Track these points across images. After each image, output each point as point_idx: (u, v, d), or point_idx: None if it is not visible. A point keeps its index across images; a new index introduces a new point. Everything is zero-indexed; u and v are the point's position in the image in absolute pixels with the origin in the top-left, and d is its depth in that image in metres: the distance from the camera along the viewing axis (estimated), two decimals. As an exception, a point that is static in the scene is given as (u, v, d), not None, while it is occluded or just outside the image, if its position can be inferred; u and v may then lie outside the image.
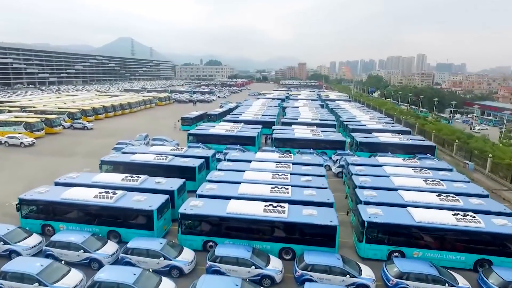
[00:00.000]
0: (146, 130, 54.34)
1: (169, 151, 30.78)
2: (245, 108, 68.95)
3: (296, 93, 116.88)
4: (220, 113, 62.52)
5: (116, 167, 28.32)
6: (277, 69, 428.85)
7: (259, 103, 79.81)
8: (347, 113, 63.99)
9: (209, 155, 30.20)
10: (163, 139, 42.27)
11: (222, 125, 45.96)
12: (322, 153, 38.62)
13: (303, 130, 43.14)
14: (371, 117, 59.20)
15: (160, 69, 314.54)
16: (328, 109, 75.11)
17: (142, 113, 77.26)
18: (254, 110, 65.17)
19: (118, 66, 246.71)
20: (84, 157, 37.59)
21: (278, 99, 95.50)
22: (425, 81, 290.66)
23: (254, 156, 29.36)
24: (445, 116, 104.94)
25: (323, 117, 57.29)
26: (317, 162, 28.72)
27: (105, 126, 58.02)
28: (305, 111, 65.51)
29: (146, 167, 27.43)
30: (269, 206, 18.73)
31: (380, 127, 48.10)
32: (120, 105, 72.53)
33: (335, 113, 66.10)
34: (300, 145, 39.16)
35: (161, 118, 68.53)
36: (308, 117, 56.61)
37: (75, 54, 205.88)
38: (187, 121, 55.38)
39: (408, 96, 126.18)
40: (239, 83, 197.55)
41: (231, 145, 39.60)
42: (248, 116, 56.52)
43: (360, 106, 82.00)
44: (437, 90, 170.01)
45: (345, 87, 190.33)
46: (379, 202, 20.24)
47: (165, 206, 20.44)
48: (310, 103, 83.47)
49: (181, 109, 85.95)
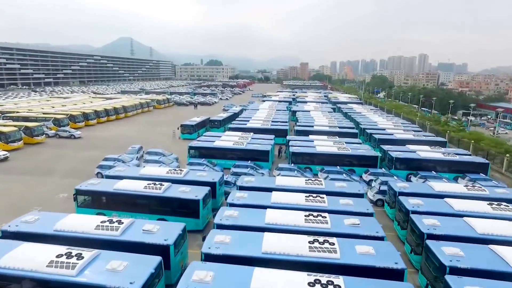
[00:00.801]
0: (141, 139, 47.97)
1: (164, 175, 24.30)
2: (252, 112, 62.47)
3: (303, 95, 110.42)
4: (224, 119, 56.02)
5: (96, 198, 21.85)
6: (278, 69, 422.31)
7: (266, 106, 73.33)
8: (365, 118, 57.46)
9: (216, 180, 23.76)
10: (160, 153, 35.75)
11: (229, 136, 39.45)
12: (350, 170, 32.17)
13: (325, 142, 36.56)
14: (395, 123, 52.64)
15: (160, 69, 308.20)
16: (341, 113, 68.59)
17: (138, 117, 70.78)
18: (262, 115, 58.68)
19: (116, 66, 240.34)
20: (63, 177, 31.04)
21: (285, 101, 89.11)
22: (431, 82, 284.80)
23: (274, 183, 22.86)
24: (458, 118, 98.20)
25: (341, 124, 50.71)
26: (356, 190, 22.19)
27: (95, 135, 51.51)
28: (318, 116, 58.99)
29: (133, 199, 21.13)
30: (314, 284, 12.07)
31: (410, 137, 41.48)
32: (114, 109, 66.06)
33: (351, 118, 59.60)
34: (323, 161, 32.70)
35: (159, 124, 62.05)
36: (324, 124, 50.06)
37: (72, 54, 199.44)
38: (187, 128, 48.86)
39: (416, 97, 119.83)
40: (241, 84, 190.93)
41: (240, 160, 33.16)
42: (256, 123, 50.01)
43: (376, 109, 75.44)
44: (447, 91, 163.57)
45: (352, 88, 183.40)
46: (472, 268, 13.65)
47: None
48: (320, 106, 76.97)
49: (181, 112, 79.51)
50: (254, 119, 53.23)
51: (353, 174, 31.37)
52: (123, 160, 32.99)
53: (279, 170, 31.05)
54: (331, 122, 51.45)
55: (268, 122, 50.27)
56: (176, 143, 46.23)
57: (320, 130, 45.36)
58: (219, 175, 24.56)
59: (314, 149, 33.72)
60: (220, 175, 24.81)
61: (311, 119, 54.89)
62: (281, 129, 46.17)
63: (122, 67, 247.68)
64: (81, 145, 44.28)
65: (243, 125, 48.32)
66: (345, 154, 32.78)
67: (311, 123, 51.31)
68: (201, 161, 32.43)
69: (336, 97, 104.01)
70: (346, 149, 33.22)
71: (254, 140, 37.46)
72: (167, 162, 33.00)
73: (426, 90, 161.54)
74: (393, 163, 31.81)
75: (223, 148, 34.49)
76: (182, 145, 44.21)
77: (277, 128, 46.67)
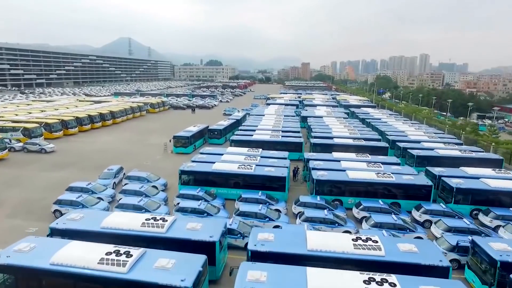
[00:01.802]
0: (126, 153, 40.05)
1: (137, 230, 16.03)
2: (257, 119, 54.40)
3: (310, 97, 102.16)
4: (226, 128, 47.94)
5: (27, 277, 13.70)
6: (279, 69, 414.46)
7: (272, 111, 65.29)
8: (389, 127, 49.38)
9: (215, 238, 15.51)
10: (143, 178, 27.69)
11: (232, 154, 31.24)
12: (393, 204, 24.18)
13: (356, 164, 28.20)
14: (427, 133, 44.59)
15: (158, 70, 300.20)
16: (358, 119, 60.53)
17: (128, 124, 62.69)
18: (269, 122, 50.63)
19: (113, 67, 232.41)
20: (7, 216, 22.91)
21: (291, 104, 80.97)
22: (436, 82, 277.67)
23: (305, 245, 14.75)
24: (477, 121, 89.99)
25: (365, 135, 42.60)
26: (435, 261, 14.08)
27: (73, 147, 43.38)
28: (334, 124, 50.87)
29: (82, 282, 13.08)
30: None
31: (457, 154, 33.29)
32: (100, 115, 57.95)
33: (372, 126, 51.54)
34: (358, 192, 24.73)
35: (151, 132, 53.95)
36: (344, 135, 41.92)
37: (66, 54, 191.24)
38: (181, 141, 40.76)
39: (425, 98, 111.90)
40: (242, 85, 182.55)
41: (248, 190, 25.17)
42: (264, 133, 41.88)
43: (395, 115, 67.28)
44: (459, 92, 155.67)
45: (360, 89, 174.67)
46: None
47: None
48: (333, 110, 68.87)
49: (177, 117, 71.46)
50: (260, 129, 45.15)
51: (399, 210, 23.36)
52: (92, 190, 24.94)
53: (301, 206, 23.03)
54: (352, 133, 43.31)
55: (278, 133, 42.17)
56: (168, 159, 38.19)
57: (342, 144, 37.25)
58: (220, 228, 16.52)
59: (344, 175, 25.57)
60: (222, 225, 16.81)
61: (327, 128, 46.77)
62: (295, 143, 38.12)
63: (119, 68, 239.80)
64: (52, 162, 36.17)
65: (248, 136, 40.24)
66: (388, 182, 24.65)
67: (328, 133, 43.17)
68: (195, 192, 24.35)
69: (346, 100, 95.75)
70: (388, 176, 25.06)
71: (264, 160, 29.34)
72: (151, 193, 24.91)
73: (437, 91, 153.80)
74: (453, 195, 23.73)
75: (225, 174, 26.32)
76: (174, 161, 36.24)
77: (290, 141, 38.60)
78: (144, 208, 21.66)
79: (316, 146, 37.13)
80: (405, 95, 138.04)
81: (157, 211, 21.75)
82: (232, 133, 46.85)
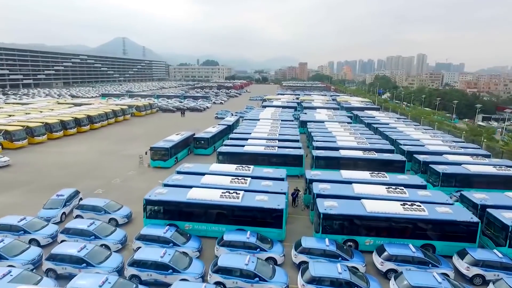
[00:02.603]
0: (94, 167, 34.04)
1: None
2: (250, 124, 48.20)
3: (309, 99, 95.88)
4: (214, 136, 41.73)
5: None
6: (276, 69, 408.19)
7: (268, 114, 59.11)
8: (401, 134, 43.41)
9: None
10: (100, 209, 21.45)
11: (215, 174, 24.93)
12: (425, 246, 18.12)
13: (374, 189, 21.93)
14: (447, 142, 38.53)
15: (153, 70, 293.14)
16: (364, 124, 54.51)
17: (108, 129, 56.31)
18: (264, 129, 44.47)
19: (105, 67, 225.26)
20: None
21: (289, 107, 74.82)
22: (435, 82, 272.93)
23: None
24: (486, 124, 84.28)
25: (375, 145, 36.39)
26: None
27: (32, 160, 36.96)
28: (338, 130, 44.74)
29: None
30: None
31: (493, 171, 27.24)
32: (75, 121, 51.59)
33: (380, 132, 45.55)
34: (378, 231, 18.66)
35: (131, 140, 47.67)
36: (352, 145, 35.64)
37: (55, 53, 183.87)
38: (160, 152, 34.46)
39: (427, 99, 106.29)
40: (238, 85, 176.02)
41: (233, 226, 19.06)
42: (258, 143, 35.60)
43: (403, 119, 61.29)
44: (463, 93, 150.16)
45: (360, 90, 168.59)
46: None
47: None
48: (334, 114, 62.81)
49: (165, 121, 65.23)
50: (254, 137, 38.92)
51: (438, 260, 17.30)
52: (25, 229, 18.68)
53: (304, 253, 16.93)
54: (360, 142, 37.15)
55: (274, 142, 35.97)
56: (142, 176, 31.97)
57: (351, 157, 31.11)
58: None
59: (360, 206, 19.39)
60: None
61: (330, 137, 40.60)
62: (294, 156, 31.98)
63: (111, 68, 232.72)
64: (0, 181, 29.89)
65: (238, 147, 34.00)
66: (419, 218, 18.54)
67: (333, 142, 36.98)
68: (162, 232, 18.18)
69: (347, 101, 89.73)
70: (418, 209, 18.92)
71: (255, 182, 23.10)
72: (104, 233, 18.65)
73: (440, 92, 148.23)
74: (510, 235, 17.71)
75: (204, 205, 20.11)
76: (150, 179, 30.15)
77: (288, 153, 32.39)
78: (85, 262, 15.46)
79: (319, 160, 30.97)
80: (406, 95, 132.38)
81: (103, 265, 15.57)
82: (222, 141, 40.79)
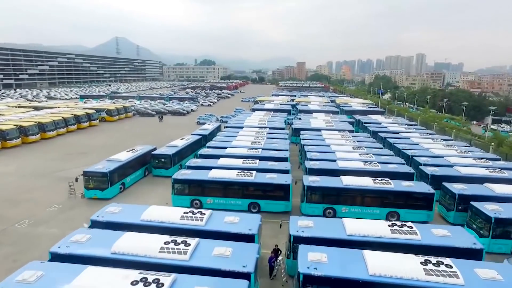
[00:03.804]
0: (8, 198, 24.75)
1: None
2: (230, 134, 39.26)
3: (305, 100, 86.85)
4: (180, 151, 32.61)
5: None
6: (274, 69, 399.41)
7: (255, 120, 50.17)
8: (416, 147, 34.57)
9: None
10: None
11: (146, 227, 15.71)
12: None
13: (404, 263, 13.16)
14: (483, 161, 29.55)
15: (146, 70, 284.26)
16: (368, 132, 45.65)
17: (63, 139, 47.24)
18: (247, 139, 35.54)
19: (94, 66, 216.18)
20: None
21: (282, 110, 65.84)
22: (437, 82, 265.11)
23: None
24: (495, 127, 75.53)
25: (387, 166, 27.37)
26: None
27: None
28: (339, 143, 35.65)
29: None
30: None
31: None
32: (19, 129, 42.61)
33: (390, 144, 36.70)
34: None
35: (79, 156, 38.52)
36: (356, 166, 26.64)
37: (39, 52, 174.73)
38: (96, 179, 25.41)
39: (431, 100, 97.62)
40: (231, 86, 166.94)
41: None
42: (230, 164, 26.51)
43: (414, 125, 52.29)
44: (470, 93, 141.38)
45: (360, 90, 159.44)
46: None
47: None
48: (333, 119, 53.86)
49: (138, 128, 56.27)
50: (229, 154, 29.82)
51: None
52: None
53: None
54: (368, 162, 28.00)
55: (253, 163, 26.91)
56: (67, 214, 22.91)
57: (358, 188, 22.10)
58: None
59: None
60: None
61: (328, 151, 31.57)
62: (278, 185, 22.96)
63: (101, 67, 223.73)
64: None
65: (203, 172, 24.88)
66: None
67: (331, 162, 27.87)
68: None
69: (347, 103, 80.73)
70: None
71: (205, 247, 13.89)
72: None
73: (445, 92, 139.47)
74: None
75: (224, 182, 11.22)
76: (76, 219, 21.15)
77: (270, 182, 23.24)
78: None
79: (313, 193, 22.04)
80: (408, 96, 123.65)
81: None
82: (194, 156, 32.03)
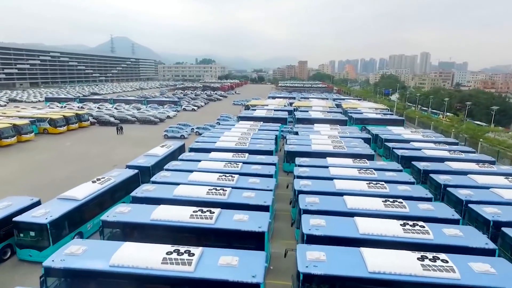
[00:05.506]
0: None
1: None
2: (188, 167, 25.77)
3: (305, 104, 72.86)
4: (78, 211, 19.18)
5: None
6: (275, 68, 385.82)
7: (235, 136, 36.75)
8: (495, 198, 21.05)
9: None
10: None
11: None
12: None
13: None
14: None
15: (140, 69, 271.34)
16: (396, 159, 32.07)
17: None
18: (210, 178, 22.05)
19: (82, 65, 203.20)
20: None
21: (276, 119, 52.17)
22: (446, 82, 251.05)
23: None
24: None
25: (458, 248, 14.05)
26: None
27: None
28: (356, 187, 22.27)
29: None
30: None
31: None
32: None
33: (440, 188, 23.16)
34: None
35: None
36: (387, 233, 13.28)
37: (18, 50, 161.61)
38: None
39: (447, 102, 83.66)
40: (226, 86, 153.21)
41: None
42: (166, 235, 13.19)
43: (454, 142, 38.39)
44: (491, 94, 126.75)
45: (367, 91, 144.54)
46: None
47: None
48: (342, 135, 40.25)
49: (80, 146, 42.33)
50: (168, 219, 16.39)
51: None
52: None
53: None
54: (403, 230, 14.46)
55: (210, 235, 13.51)
56: None
57: None
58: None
59: None
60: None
61: (340, 210, 18.14)
62: None
63: (90, 66, 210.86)
64: None
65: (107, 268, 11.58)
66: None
67: (347, 230, 14.52)
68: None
69: (356, 109, 66.77)
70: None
71: None
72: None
73: (463, 94, 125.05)
74: None
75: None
76: None
77: (231, 280, 10.26)
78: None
79: None
80: (420, 97, 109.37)
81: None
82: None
